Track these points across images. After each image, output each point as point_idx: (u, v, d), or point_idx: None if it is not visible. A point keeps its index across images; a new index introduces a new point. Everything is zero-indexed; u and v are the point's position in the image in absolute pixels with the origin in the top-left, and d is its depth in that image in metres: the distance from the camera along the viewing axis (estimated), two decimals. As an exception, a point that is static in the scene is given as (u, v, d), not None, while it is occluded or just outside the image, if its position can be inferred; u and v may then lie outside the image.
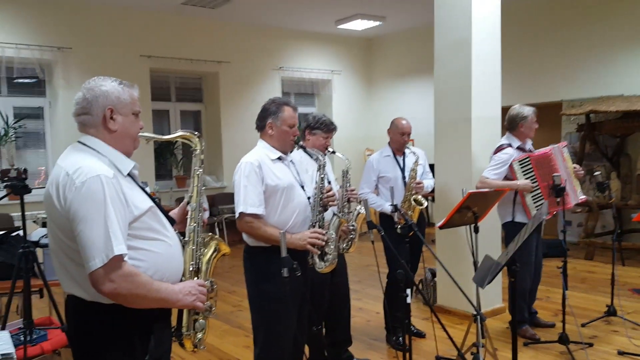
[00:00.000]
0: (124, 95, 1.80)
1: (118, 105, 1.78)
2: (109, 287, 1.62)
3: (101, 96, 1.76)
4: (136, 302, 1.69)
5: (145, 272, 1.71)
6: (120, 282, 1.62)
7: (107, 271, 1.60)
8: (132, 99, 1.82)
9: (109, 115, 1.77)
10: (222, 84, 8.39)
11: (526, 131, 4.07)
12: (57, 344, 3.23)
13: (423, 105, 8.86)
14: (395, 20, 8.54)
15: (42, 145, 7.19)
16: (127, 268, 1.65)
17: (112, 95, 1.77)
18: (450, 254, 4.52)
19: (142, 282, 1.67)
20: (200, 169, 2.02)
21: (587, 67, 7.19)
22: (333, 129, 3.49)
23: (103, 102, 1.76)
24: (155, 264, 1.76)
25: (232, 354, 4.02)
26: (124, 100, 1.80)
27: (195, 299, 1.80)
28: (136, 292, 1.66)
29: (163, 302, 1.74)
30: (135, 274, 1.66)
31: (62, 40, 6.93)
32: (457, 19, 4.51)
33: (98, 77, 1.82)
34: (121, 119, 1.79)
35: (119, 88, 1.80)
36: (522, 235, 2.46)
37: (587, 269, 6.19)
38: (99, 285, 1.62)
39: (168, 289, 1.75)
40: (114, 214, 1.62)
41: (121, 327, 1.73)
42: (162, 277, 1.78)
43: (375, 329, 4.45)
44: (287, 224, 2.70)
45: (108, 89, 1.78)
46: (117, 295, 1.64)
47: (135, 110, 1.84)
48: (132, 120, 1.82)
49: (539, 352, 3.85)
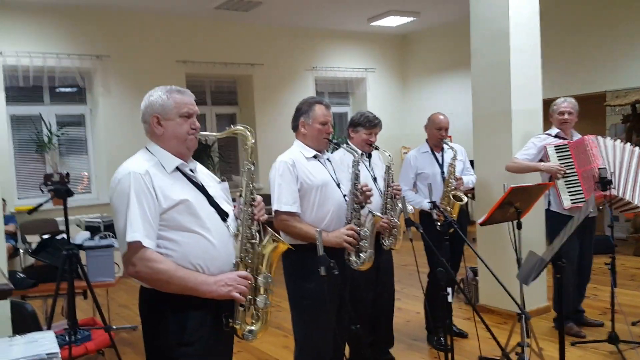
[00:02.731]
0: (167, 102, 1.97)
1: (162, 112, 1.97)
2: (131, 270, 1.84)
3: (149, 106, 1.99)
4: (161, 286, 1.85)
5: (177, 262, 1.85)
6: (140, 266, 1.82)
7: (129, 256, 1.83)
8: (177, 103, 1.98)
9: (154, 122, 1.98)
10: (256, 86, 8.44)
11: (554, 122, 4.10)
12: (100, 344, 3.30)
13: (460, 101, 8.69)
14: (429, 15, 8.41)
15: (84, 151, 7.38)
16: (148, 254, 1.82)
17: (156, 104, 1.98)
18: (492, 252, 4.40)
19: (163, 269, 1.82)
20: (252, 165, 2.09)
21: (631, 55, 6.90)
22: (376, 124, 3.45)
23: (150, 111, 1.98)
24: (187, 255, 1.87)
25: (271, 353, 4.02)
26: (168, 106, 1.97)
27: (232, 290, 1.87)
28: (157, 277, 1.83)
29: (192, 290, 1.85)
30: (156, 260, 1.82)
31: (101, 49, 7.10)
32: (494, 11, 4.40)
33: (155, 88, 2.02)
34: (167, 124, 1.97)
35: (164, 96, 1.98)
36: (567, 230, 2.36)
37: (637, 266, 5.94)
38: (125, 269, 1.87)
39: (198, 279, 1.86)
40: (136, 206, 1.81)
41: (157, 309, 1.90)
42: (199, 268, 1.88)
43: (415, 329, 4.37)
44: (323, 221, 2.68)
45: (154, 99, 1.98)
46: (139, 277, 1.86)
47: (182, 113, 1.98)
48: (178, 123, 1.97)
49: (587, 351, 3.71)
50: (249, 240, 1.98)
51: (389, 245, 3.30)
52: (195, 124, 2.01)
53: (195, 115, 2.02)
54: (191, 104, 2.01)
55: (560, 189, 3.85)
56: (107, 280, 3.68)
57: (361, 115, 3.46)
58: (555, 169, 3.84)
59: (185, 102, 1.99)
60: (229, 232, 1.99)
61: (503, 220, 3.36)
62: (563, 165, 3.86)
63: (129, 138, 6.97)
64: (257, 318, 1.98)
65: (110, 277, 3.70)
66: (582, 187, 3.81)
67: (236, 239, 1.99)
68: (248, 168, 2.05)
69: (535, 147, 3.99)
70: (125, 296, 5.80)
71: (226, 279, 1.88)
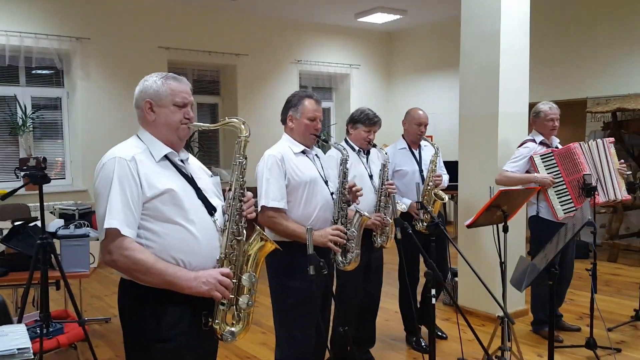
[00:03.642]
0: (162, 88, 1.91)
1: (155, 98, 1.91)
2: (107, 258, 1.78)
3: (143, 91, 1.93)
4: (139, 278, 1.79)
5: (157, 254, 1.78)
6: (116, 254, 1.75)
7: (106, 243, 1.77)
8: (173, 90, 1.92)
9: (147, 107, 1.92)
10: (240, 77, 8.31)
11: (539, 127, 4.05)
12: (73, 338, 3.17)
13: (444, 102, 8.71)
14: (416, 14, 8.39)
15: (59, 136, 7.17)
16: (127, 243, 1.75)
17: (151, 90, 1.92)
18: (471, 254, 4.39)
19: (141, 259, 1.75)
20: (241, 157, 1.97)
21: (613, 64, 6.99)
22: (376, 122, 3.39)
23: (143, 96, 1.93)
24: (168, 248, 1.81)
25: (249, 350, 3.95)
26: (162, 93, 1.91)
27: (211, 288, 1.79)
28: (135, 267, 1.76)
29: (170, 284, 1.78)
30: (134, 249, 1.75)
31: (81, 31, 6.89)
32: (485, 12, 4.38)
33: (151, 74, 1.96)
34: (160, 111, 1.91)
35: (159, 82, 1.92)
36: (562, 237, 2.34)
37: (612, 272, 6.03)
38: (102, 256, 1.82)
39: (177, 273, 1.78)
40: (118, 192, 1.75)
41: (136, 302, 1.83)
42: (179, 262, 1.81)
43: (394, 329, 4.35)
44: (310, 219, 2.62)
45: (148, 84, 1.93)
46: (115, 266, 1.78)
47: (176, 102, 1.92)
48: (171, 111, 1.92)
49: (566, 356, 3.73)
50: (235, 237, 1.90)
51: (381, 243, 3.26)
52: (190, 113, 1.95)
53: (190, 105, 1.96)
54: (187, 92, 1.95)
55: (551, 200, 3.84)
56: (81, 271, 3.55)
57: (361, 112, 3.40)
58: (549, 180, 3.82)
59: (180, 91, 1.93)
60: (215, 227, 1.91)
61: (489, 223, 3.34)
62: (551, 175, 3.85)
63: (107, 123, 6.81)
64: (238, 319, 1.89)
65: (85, 268, 3.57)
66: (571, 196, 3.82)
67: (222, 234, 1.90)
68: (240, 161, 1.96)
69: (524, 158, 3.93)
70: (98, 287, 5.66)
71: (207, 275, 1.80)
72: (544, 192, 3.86)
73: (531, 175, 3.88)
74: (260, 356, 3.87)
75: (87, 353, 3.47)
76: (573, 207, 3.78)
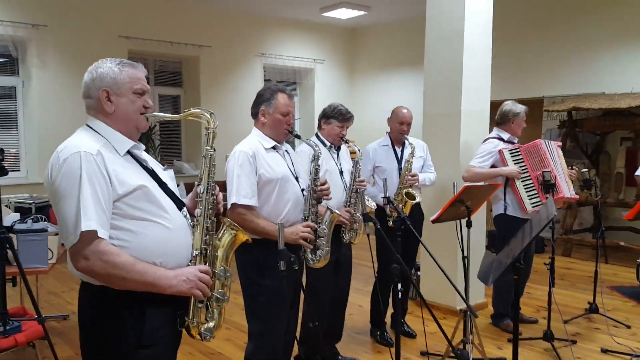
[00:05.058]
0: (121, 75, 1.77)
1: (114, 87, 1.76)
2: (83, 264, 1.61)
3: (97, 79, 1.76)
4: (116, 283, 1.65)
5: (132, 254, 1.66)
6: (94, 259, 1.60)
7: (80, 248, 1.60)
8: (132, 78, 1.79)
9: (104, 97, 1.76)
10: (203, 69, 8.18)
11: (515, 127, 4.14)
12: (31, 336, 3.07)
13: (407, 99, 8.74)
14: (380, 10, 8.44)
15: (13, 126, 6.89)
16: (103, 246, 1.61)
17: (108, 77, 1.76)
18: (433, 248, 4.45)
19: (121, 262, 1.62)
20: (213, 150, 1.92)
21: (570, 64, 7.22)
22: (349, 118, 3.39)
23: (99, 85, 1.76)
24: (142, 247, 1.69)
25: (213, 347, 3.91)
26: (121, 81, 1.77)
27: (192, 287, 1.72)
28: (113, 272, 1.62)
29: (150, 286, 1.67)
30: (112, 253, 1.62)
31: (38, 18, 6.62)
32: (450, 11, 4.45)
33: (101, 60, 1.81)
34: (118, 100, 1.77)
35: (116, 69, 1.77)
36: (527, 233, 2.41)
37: (566, 266, 6.25)
38: (74, 263, 1.63)
39: (157, 273, 1.68)
40: (89, 190, 1.60)
41: (110, 310, 1.69)
42: (157, 262, 1.71)
43: (359, 323, 4.39)
44: (281, 216, 2.61)
45: (104, 71, 1.77)
46: (92, 273, 1.63)
47: (136, 90, 1.79)
48: (131, 100, 1.78)
49: (524, 348, 3.84)
50: (209, 232, 1.84)
51: (349, 239, 3.28)
52: (149, 102, 1.83)
53: (147, 92, 1.83)
54: (144, 79, 1.82)
55: (520, 193, 3.94)
56: (39, 267, 3.44)
57: (334, 108, 3.39)
58: (516, 171, 3.92)
59: (138, 77, 1.80)
60: (187, 222, 1.84)
61: (453, 219, 3.41)
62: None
63: (64, 114, 6.59)
64: (212, 315, 1.83)
65: (43, 263, 3.46)
66: (537, 190, 3.93)
67: (195, 229, 1.84)
68: (210, 154, 1.91)
69: (490, 154, 4.01)
70: (56, 283, 5.50)
71: (187, 273, 1.72)
72: (512, 187, 3.96)
73: (499, 170, 3.98)
74: (225, 352, 3.84)
75: (46, 351, 3.36)
76: (539, 201, 3.90)
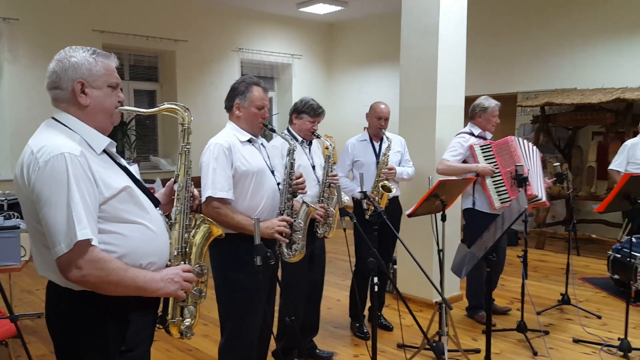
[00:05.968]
0: (96, 66, 1.66)
1: (89, 78, 1.64)
2: (76, 274, 1.51)
3: (70, 68, 1.63)
4: (109, 289, 1.58)
5: (121, 259, 1.60)
6: (88, 269, 1.51)
7: (74, 257, 1.50)
8: (107, 70, 1.68)
9: (79, 89, 1.63)
10: (179, 64, 8.10)
11: (483, 122, 4.17)
12: (4, 334, 3.01)
13: (384, 93, 8.81)
14: (357, 5, 8.46)
15: (-17, 122, 6.75)
16: (97, 254, 1.53)
17: (83, 67, 1.64)
18: (410, 242, 4.50)
19: (114, 268, 1.56)
20: (189, 145, 1.88)
21: (543, 60, 7.35)
22: (320, 113, 3.41)
23: (72, 75, 1.63)
24: (132, 250, 1.63)
25: (190, 343, 3.89)
26: (97, 72, 1.66)
27: (178, 288, 1.69)
28: (107, 280, 1.55)
29: (140, 290, 1.62)
30: (106, 260, 1.55)
31: (9, 11, 6.48)
32: (425, 6, 4.48)
33: (70, 48, 1.68)
34: (94, 93, 1.65)
35: (91, 59, 1.66)
36: (499, 226, 2.46)
37: (539, 258, 6.37)
38: (66, 272, 1.52)
39: (147, 276, 1.64)
40: (78, 196, 1.50)
41: (94, 315, 1.62)
42: (143, 264, 1.66)
43: (337, 317, 4.42)
44: (256, 210, 2.61)
45: (78, 61, 1.64)
46: (85, 282, 1.54)
47: (111, 83, 1.69)
48: (107, 94, 1.68)
49: (497, 339, 3.91)
50: (187, 230, 1.81)
51: (323, 234, 3.29)
52: (121, 96, 1.74)
53: (120, 86, 1.75)
54: (116, 71, 1.73)
55: (489, 189, 3.99)
56: (12, 264, 3.38)
57: (305, 103, 3.40)
58: (489, 169, 3.98)
59: (112, 69, 1.70)
60: (164, 221, 1.80)
61: (429, 212, 3.45)
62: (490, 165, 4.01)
63: (37, 110, 6.42)
64: (189, 312, 1.81)
65: (15, 261, 3.40)
66: (506, 187, 3.99)
67: (172, 227, 1.80)
68: (187, 149, 1.88)
69: (462, 147, 4.06)
70: (29, 281, 5.41)
71: (172, 274, 1.68)
72: (482, 183, 4.01)
73: (473, 165, 4.03)
74: (202, 348, 3.83)
75: (19, 350, 3.32)
76: (508, 197, 3.96)
